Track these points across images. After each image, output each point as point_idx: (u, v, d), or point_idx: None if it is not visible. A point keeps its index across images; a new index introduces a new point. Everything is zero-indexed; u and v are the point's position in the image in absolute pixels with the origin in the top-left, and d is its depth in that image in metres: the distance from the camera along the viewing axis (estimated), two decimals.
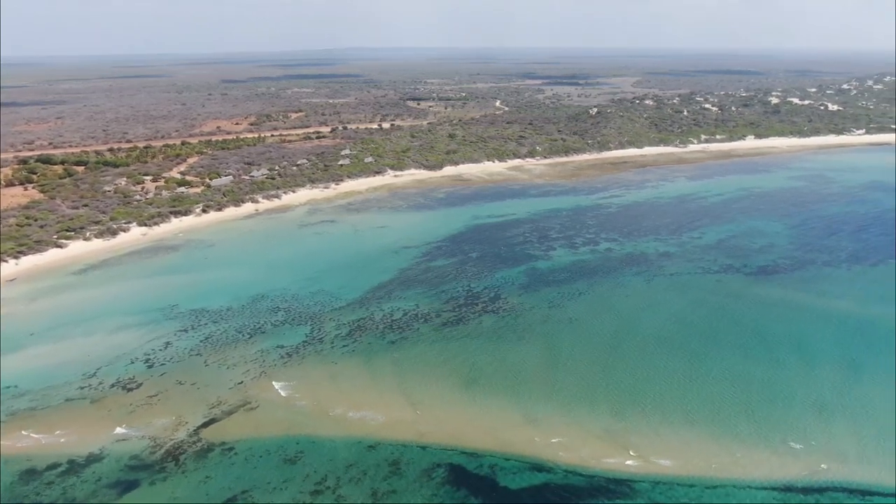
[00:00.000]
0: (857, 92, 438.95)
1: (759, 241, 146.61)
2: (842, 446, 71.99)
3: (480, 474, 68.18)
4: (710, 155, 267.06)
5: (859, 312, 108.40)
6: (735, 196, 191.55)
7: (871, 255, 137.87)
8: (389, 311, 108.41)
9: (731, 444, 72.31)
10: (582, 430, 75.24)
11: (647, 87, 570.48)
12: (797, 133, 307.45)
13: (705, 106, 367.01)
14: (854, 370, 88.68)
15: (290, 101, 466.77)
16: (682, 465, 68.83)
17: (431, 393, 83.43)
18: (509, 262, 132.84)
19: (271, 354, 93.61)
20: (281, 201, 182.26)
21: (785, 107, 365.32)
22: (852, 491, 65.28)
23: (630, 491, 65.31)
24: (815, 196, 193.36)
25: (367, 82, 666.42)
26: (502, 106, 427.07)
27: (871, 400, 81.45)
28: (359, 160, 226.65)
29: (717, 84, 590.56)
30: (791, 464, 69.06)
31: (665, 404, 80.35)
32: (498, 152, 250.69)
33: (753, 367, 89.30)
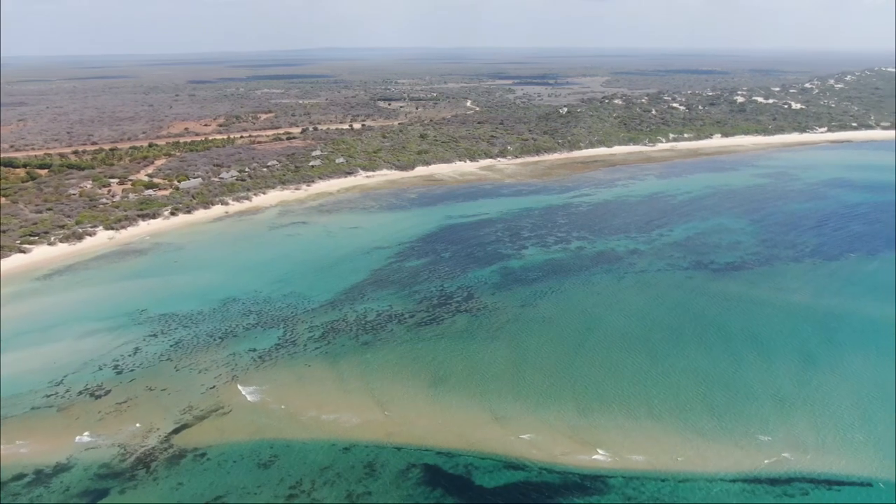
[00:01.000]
0: (819, 91, 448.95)
1: (725, 238, 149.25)
2: (802, 437, 73.79)
3: (455, 474, 68.34)
4: (678, 153, 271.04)
5: (814, 305, 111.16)
6: (703, 194, 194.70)
7: (830, 250, 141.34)
8: (363, 312, 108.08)
9: (696, 439, 73.63)
10: (552, 427, 75.88)
11: (616, 87, 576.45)
12: (762, 131, 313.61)
13: (673, 105, 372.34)
14: (810, 362, 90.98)
15: (259, 102, 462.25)
16: (653, 461, 69.82)
17: (406, 394, 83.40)
18: (482, 262, 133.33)
19: (243, 358, 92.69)
20: (251, 203, 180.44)
21: (750, 105, 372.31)
22: (818, 481, 66.82)
23: (604, 487, 66.04)
24: (780, 193, 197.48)
25: (338, 83, 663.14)
26: (473, 106, 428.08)
27: (827, 390, 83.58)
28: (330, 161, 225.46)
29: (684, 83, 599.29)
30: (756, 456, 70.50)
31: (631, 400, 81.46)
32: (469, 152, 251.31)
33: (716, 362, 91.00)
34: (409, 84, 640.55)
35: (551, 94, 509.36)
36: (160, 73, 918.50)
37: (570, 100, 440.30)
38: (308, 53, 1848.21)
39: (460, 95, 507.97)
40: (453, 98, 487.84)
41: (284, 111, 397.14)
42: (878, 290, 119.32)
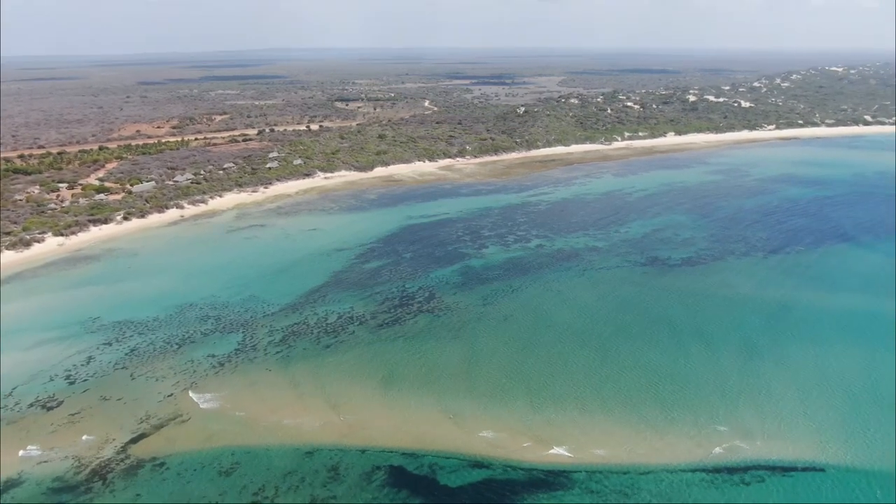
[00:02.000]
0: (766, 90, 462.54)
1: (680, 234, 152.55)
2: (754, 426, 75.85)
3: (420, 474, 68.27)
4: (633, 151, 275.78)
5: (761, 297, 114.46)
6: (658, 191, 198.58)
7: (777, 244, 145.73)
8: (324, 314, 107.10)
9: (653, 431, 75.08)
10: (513, 425, 76.42)
11: (571, 87, 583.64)
12: (714, 129, 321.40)
13: (628, 104, 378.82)
14: (755, 352, 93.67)
15: (213, 104, 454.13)
16: (613, 454, 70.92)
17: (368, 395, 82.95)
18: (443, 262, 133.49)
19: (202, 364, 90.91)
20: (207, 206, 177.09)
21: (702, 104, 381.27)
22: (773, 467, 68.77)
23: (568, 482, 66.77)
24: (731, 189, 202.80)
25: (294, 83, 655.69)
26: (431, 106, 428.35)
27: (774, 380, 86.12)
28: (287, 163, 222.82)
29: (637, 83, 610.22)
30: (711, 445, 72.20)
31: (589, 396, 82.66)
32: (428, 152, 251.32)
33: (669, 356, 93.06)
34: (367, 84, 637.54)
35: (508, 94, 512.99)
36: (107, 74, 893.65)
37: (527, 99, 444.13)
38: (263, 54, 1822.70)
39: (418, 95, 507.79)
40: (411, 98, 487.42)
41: (240, 112, 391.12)
42: (819, 280, 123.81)
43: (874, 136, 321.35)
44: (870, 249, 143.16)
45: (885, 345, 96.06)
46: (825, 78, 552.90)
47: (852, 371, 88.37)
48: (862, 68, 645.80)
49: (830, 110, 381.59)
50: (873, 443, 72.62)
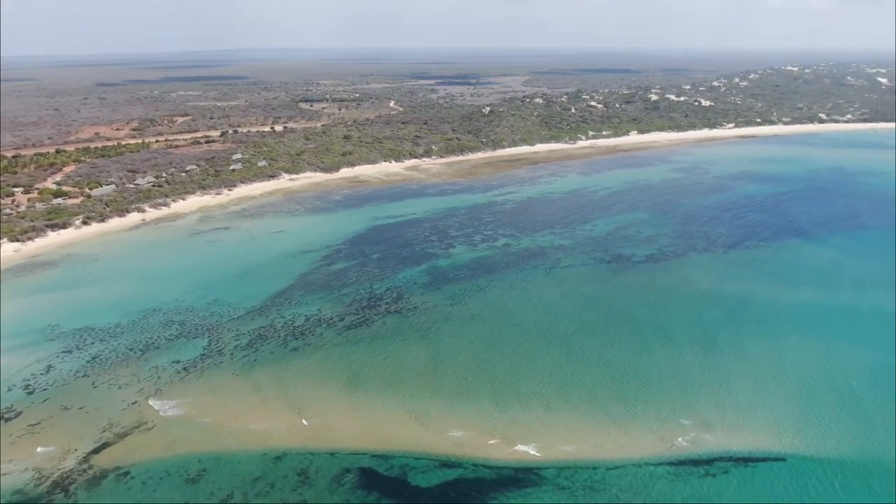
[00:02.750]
0: (725, 89, 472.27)
1: (644, 231, 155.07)
2: (717, 419, 77.63)
3: (391, 476, 68.25)
4: (597, 150, 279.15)
5: (722, 292, 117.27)
6: (622, 189, 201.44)
7: (737, 240, 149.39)
8: (291, 317, 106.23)
9: (617, 427, 76.38)
10: (482, 424, 76.93)
11: (536, 86, 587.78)
12: (675, 128, 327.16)
13: (591, 104, 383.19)
14: (712, 346, 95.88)
15: (175, 105, 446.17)
16: (581, 450, 71.90)
17: (337, 398, 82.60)
18: (410, 262, 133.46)
19: (167, 371, 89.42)
20: (170, 209, 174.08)
21: (663, 103, 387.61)
22: (736, 459, 70.41)
23: (538, 479, 67.42)
24: (693, 187, 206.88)
25: (257, 84, 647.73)
26: (397, 106, 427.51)
27: (734, 373, 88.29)
28: (252, 164, 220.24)
29: (600, 82, 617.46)
30: (676, 439, 73.70)
31: (558, 393, 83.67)
32: (394, 152, 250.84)
33: (640, 352, 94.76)
34: (332, 85, 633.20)
35: (473, 94, 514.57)
36: (63, 74, 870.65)
37: (492, 99, 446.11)
38: (225, 54, 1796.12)
39: (383, 96, 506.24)
40: (376, 98, 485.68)
41: (202, 114, 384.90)
42: (775, 275, 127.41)
43: (829, 134, 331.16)
44: (823, 244, 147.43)
45: (837, 336, 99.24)
46: (781, 77, 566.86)
47: (807, 363, 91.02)
48: (816, 68, 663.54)
49: (787, 109, 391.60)
50: (829, 432, 74.92)
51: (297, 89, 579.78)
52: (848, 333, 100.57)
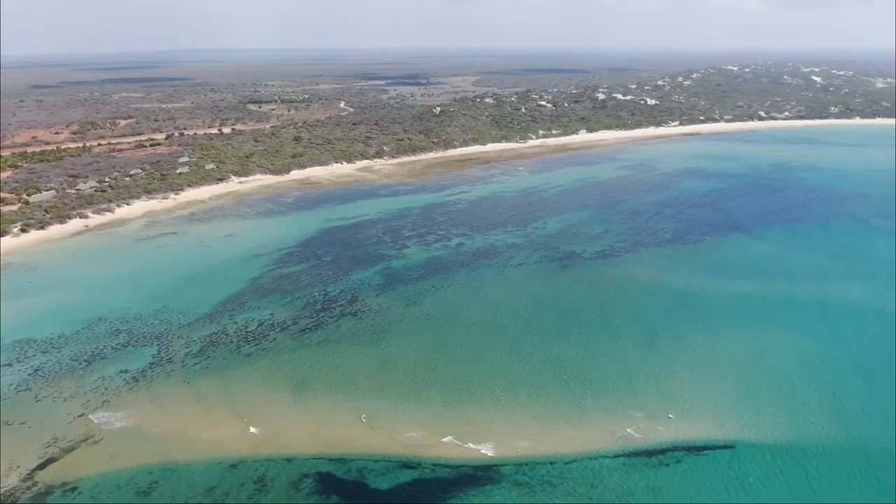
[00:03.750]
0: (670, 88, 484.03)
1: (594, 229, 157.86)
2: (663, 410, 79.76)
3: (349, 479, 67.85)
4: (547, 149, 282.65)
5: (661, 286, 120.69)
6: (572, 187, 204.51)
7: (683, 235, 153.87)
8: (243, 322, 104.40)
9: (573, 421, 77.74)
10: (440, 423, 77.31)
11: (486, 86, 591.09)
12: (623, 126, 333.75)
13: (541, 103, 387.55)
14: (655, 340, 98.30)
15: (117, 107, 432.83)
16: (537, 446, 72.87)
17: (292, 403, 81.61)
18: (364, 264, 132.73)
19: (114, 381, 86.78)
20: (114, 215, 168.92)
21: (611, 102, 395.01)
22: (687, 448, 72.45)
23: (497, 476, 68.11)
24: (640, 184, 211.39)
25: (203, 85, 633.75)
26: (347, 107, 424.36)
27: (673, 365, 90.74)
28: (199, 167, 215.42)
29: (549, 82, 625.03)
30: (628, 430, 75.40)
31: (510, 391, 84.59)
32: (345, 154, 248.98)
33: (593, 347, 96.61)
34: (280, 86, 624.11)
35: (424, 94, 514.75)
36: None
37: (442, 99, 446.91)
38: (169, 55, 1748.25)
39: (333, 97, 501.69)
40: (326, 99, 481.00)
41: (146, 116, 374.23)
42: (715, 268, 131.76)
43: (768, 131, 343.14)
44: (760, 238, 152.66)
45: (772, 326, 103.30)
46: (722, 76, 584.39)
47: (745, 353, 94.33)
48: (755, 67, 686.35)
49: (728, 107, 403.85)
50: (769, 419, 77.85)
51: (244, 90, 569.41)
52: (781, 323, 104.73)
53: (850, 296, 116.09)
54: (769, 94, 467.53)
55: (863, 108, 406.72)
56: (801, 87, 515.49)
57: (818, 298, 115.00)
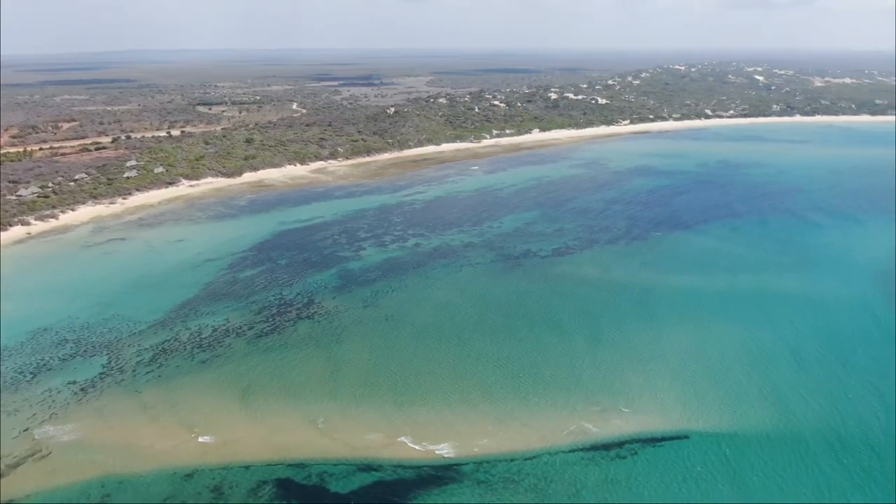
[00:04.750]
0: (620, 87, 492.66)
1: (549, 226, 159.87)
2: (619, 403, 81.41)
3: (310, 484, 67.21)
4: (502, 149, 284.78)
5: (610, 282, 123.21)
6: (526, 186, 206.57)
7: (637, 231, 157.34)
8: (197, 329, 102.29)
9: (529, 418, 78.60)
10: (398, 425, 77.28)
11: (439, 87, 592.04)
12: (575, 125, 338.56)
13: (494, 103, 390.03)
14: (604, 336, 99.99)
15: (59, 110, 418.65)
16: (496, 444, 73.43)
17: (250, 409, 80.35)
18: (320, 266, 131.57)
19: (62, 393, 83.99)
20: (59, 221, 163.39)
21: (563, 101, 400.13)
22: (642, 440, 73.99)
23: (458, 475, 68.23)
24: (594, 181, 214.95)
25: (150, 87, 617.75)
26: (300, 108, 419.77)
27: (622, 359, 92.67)
28: (148, 171, 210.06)
29: (502, 82, 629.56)
30: (584, 425, 76.65)
31: (461, 391, 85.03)
32: (299, 155, 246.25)
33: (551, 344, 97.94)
34: (231, 87, 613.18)
35: (378, 95, 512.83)
36: None
37: (396, 100, 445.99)
38: (113, 56, 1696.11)
39: (285, 98, 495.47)
40: (278, 101, 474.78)
41: (91, 119, 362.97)
42: (665, 264, 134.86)
43: (715, 128, 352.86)
44: (705, 233, 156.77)
45: (711, 318, 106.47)
46: (670, 76, 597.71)
47: (687, 346, 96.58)
48: (701, 66, 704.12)
49: (676, 105, 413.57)
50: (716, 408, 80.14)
51: (193, 92, 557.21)
52: (723, 314, 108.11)
53: (785, 287, 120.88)
54: (715, 92, 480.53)
55: (802, 106, 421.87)
56: (745, 86, 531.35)
57: (757, 290, 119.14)
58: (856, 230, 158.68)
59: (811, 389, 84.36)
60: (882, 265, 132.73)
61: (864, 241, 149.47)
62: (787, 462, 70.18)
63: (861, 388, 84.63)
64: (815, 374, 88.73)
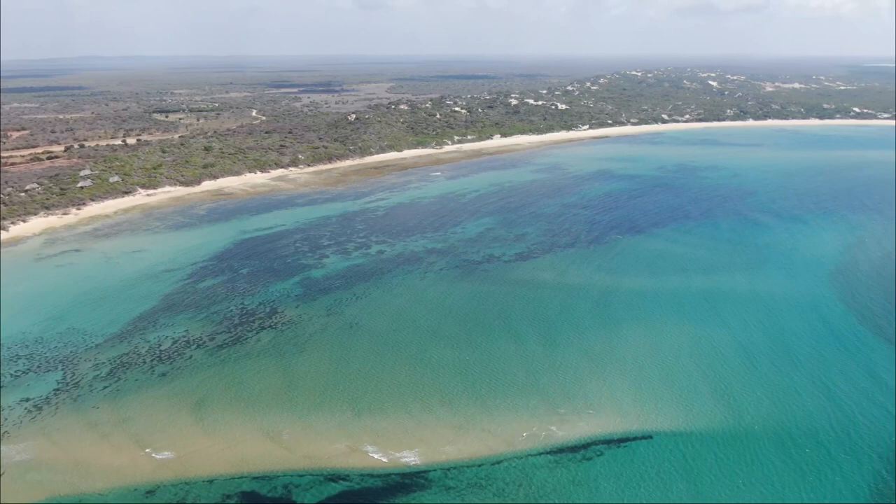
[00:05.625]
0: (579, 93, 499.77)
1: (512, 231, 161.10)
2: (581, 406, 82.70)
3: (275, 496, 66.50)
4: (463, 154, 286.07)
5: (563, 284, 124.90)
6: (489, 191, 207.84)
7: (597, 235, 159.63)
8: (156, 341, 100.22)
9: (498, 422, 79.10)
10: (361, 434, 76.98)
11: (400, 93, 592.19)
12: (535, 130, 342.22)
13: (455, 109, 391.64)
14: (565, 340, 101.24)
15: (8, 119, 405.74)
16: (462, 450, 73.78)
17: (216, 420, 79.05)
18: (282, 275, 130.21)
19: (14, 411, 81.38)
20: (9, 233, 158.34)
21: (523, 107, 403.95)
22: (608, 441, 75.13)
23: (425, 482, 68.44)
24: (555, 186, 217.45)
25: (103, 94, 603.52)
26: (259, 115, 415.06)
27: (582, 363, 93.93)
28: (103, 180, 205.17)
29: (463, 88, 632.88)
30: (549, 428, 77.46)
31: (419, 398, 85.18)
32: (259, 163, 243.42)
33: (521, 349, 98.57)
34: (188, 94, 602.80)
35: (338, 102, 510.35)
36: None
37: (357, 106, 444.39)
38: (64, 63, 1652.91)
39: (244, 105, 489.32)
40: (237, 108, 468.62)
41: (42, 128, 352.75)
42: (626, 266, 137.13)
43: (671, 133, 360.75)
44: (661, 237, 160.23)
45: (665, 319, 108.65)
46: (627, 81, 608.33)
47: (641, 347, 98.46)
48: (657, 72, 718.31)
49: (634, 110, 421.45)
50: (676, 407, 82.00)
51: (149, 99, 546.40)
52: (679, 314, 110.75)
53: (736, 286, 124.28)
54: (671, 97, 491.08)
55: (755, 111, 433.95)
56: (700, 91, 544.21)
57: (710, 290, 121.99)
58: (804, 230, 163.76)
59: (762, 387, 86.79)
60: (827, 263, 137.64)
61: (811, 241, 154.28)
62: (739, 460, 72.02)
63: (808, 385, 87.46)
64: (765, 371, 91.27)
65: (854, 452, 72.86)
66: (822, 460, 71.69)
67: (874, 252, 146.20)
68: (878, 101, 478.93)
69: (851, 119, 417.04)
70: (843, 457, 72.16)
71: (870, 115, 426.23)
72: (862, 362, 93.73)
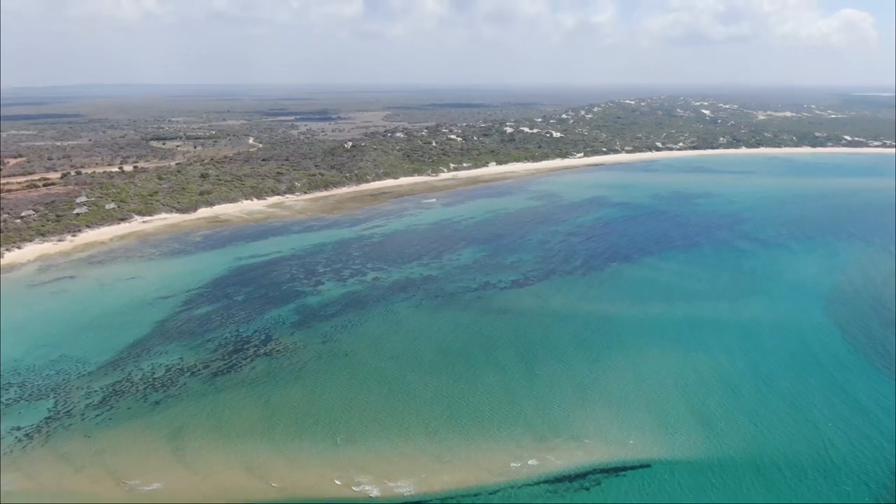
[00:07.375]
0: (573, 121, 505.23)
1: (509, 258, 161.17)
2: (575, 435, 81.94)
3: None
4: (459, 182, 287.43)
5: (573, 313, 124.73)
6: (484, 218, 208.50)
7: (593, 262, 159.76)
8: (150, 369, 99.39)
9: (500, 449, 78.35)
10: (351, 463, 76.08)
11: (396, 121, 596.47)
12: (530, 158, 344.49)
13: (451, 137, 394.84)
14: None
15: (5, 146, 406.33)
16: (459, 479, 72.93)
17: (210, 450, 78.08)
18: (278, 302, 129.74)
19: (5, 440, 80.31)
20: (5, 260, 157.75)
21: (518, 135, 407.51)
22: (605, 470, 74.39)
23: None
24: (551, 213, 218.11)
25: (100, 122, 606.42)
26: (256, 143, 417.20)
27: (583, 390, 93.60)
28: (99, 207, 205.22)
29: (458, 116, 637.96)
30: (547, 456, 76.73)
31: (418, 426, 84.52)
32: (256, 190, 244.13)
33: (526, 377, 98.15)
34: (185, 122, 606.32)
35: (335, 129, 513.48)
36: None
37: (353, 134, 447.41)
38: (63, 90, 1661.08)
39: (241, 132, 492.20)
40: (234, 135, 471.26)
41: (39, 155, 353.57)
42: (629, 294, 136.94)
43: (665, 160, 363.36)
44: (655, 267, 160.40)
45: (650, 347, 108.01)
46: (621, 109, 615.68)
47: (625, 376, 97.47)
48: (650, 101, 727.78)
49: (628, 138, 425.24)
50: (673, 435, 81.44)
51: (146, 127, 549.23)
52: (683, 343, 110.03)
53: (738, 313, 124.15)
54: (664, 125, 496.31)
55: (747, 139, 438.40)
56: (693, 119, 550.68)
57: (712, 318, 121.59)
58: (799, 257, 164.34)
59: (749, 413, 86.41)
60: (822, 289, 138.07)
61: (805, 268, 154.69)
62: (718, 488, 71.41)
63: (790, 412, 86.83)
64: (749, 398, 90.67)
65: (841, 482, 72.43)
66: (805, 489, 71.14)
67: (870, 279, 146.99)
68: (869, 129, 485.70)
69: (843, 147, 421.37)
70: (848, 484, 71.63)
71: (861, 142, 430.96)
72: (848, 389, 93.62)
